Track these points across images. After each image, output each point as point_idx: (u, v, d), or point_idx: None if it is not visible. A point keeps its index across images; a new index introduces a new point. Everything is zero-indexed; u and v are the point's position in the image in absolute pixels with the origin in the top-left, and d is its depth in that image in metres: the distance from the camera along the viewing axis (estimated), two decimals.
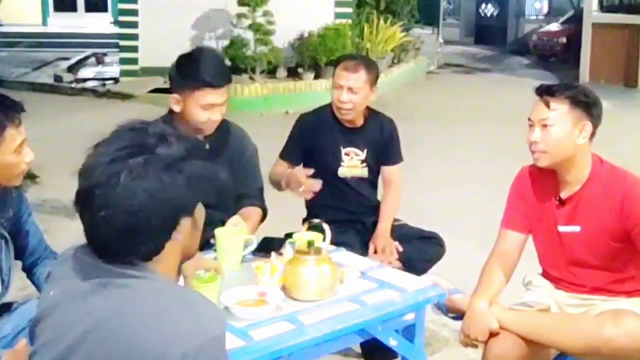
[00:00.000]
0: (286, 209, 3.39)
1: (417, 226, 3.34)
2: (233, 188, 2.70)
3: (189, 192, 1.38)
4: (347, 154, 3.23)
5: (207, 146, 2.74)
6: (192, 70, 2.66)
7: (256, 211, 2.88)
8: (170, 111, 2.76)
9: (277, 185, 3.10)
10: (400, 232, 3.22)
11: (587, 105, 2.33)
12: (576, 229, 2.39)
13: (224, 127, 2.84)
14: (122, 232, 1.33)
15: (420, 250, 3.16)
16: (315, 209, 3.14)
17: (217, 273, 2.21)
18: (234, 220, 2.61)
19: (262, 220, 2.93)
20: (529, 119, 2.37)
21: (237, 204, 2.82)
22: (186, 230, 1.42)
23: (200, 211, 1.46)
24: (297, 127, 3.27)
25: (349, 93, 3.10)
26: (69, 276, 1.41)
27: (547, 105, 2.31)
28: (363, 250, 3.06)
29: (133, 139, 1.37)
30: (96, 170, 1.34)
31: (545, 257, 2.54)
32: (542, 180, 2.47)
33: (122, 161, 1.33)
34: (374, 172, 3.32)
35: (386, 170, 3.34)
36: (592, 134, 2.35)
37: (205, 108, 2.67)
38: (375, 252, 3.13)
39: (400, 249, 3.13)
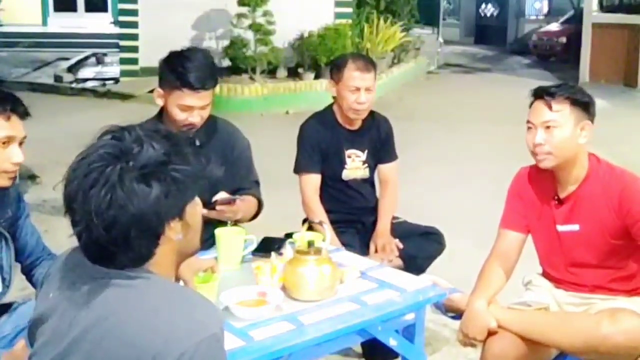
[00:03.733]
0: (286, 209, 3.39)
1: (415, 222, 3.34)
2: (226, 184, 2.69)
3: (168, 199, 1.35)
4: (349, 156, 3.22)
5: (197, 142, 2.71)
6: (176, 69, 2.63)
7: (251, 198, 2.84)
8: (161, 110, 2.76)
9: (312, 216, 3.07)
10: (400, 229, 3.23)
11: (586, 105, 2.35)
12: (575, 227, 2.40)
13: (211, 123, 2.82)
14: (104, 243, 1.33)
15: (420, 247, 3.17)
16: None
17: (214, 272, 2.20)
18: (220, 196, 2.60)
19: (259, 211, 2.90)
20: (529, 122, 2.37)
21: None
22: (177, 233, 1.40)
23: (192, 211, 1.43)
24: (306, 135, 3.21)
25: (366, 93, 3.10)
26: (68, 278, 1.42)
27: (550, 107, 2.31)
28: (363, 250, 3.06)
29: (111, 148, 1.35)
30: (74, 182, 1.34)
31: (545, 257, 2.54)
32: (540, 180, 2.47)
33: (97, 173, 1.32)
34: (374, 172, 3.33)
35: (383, 168, 3.34)
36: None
37: (183, 109, 2.64)
38: (376, 251, 3.13)
39: (401, 246, 3.14)
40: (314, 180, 3.18)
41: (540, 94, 2.35)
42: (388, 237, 3.17)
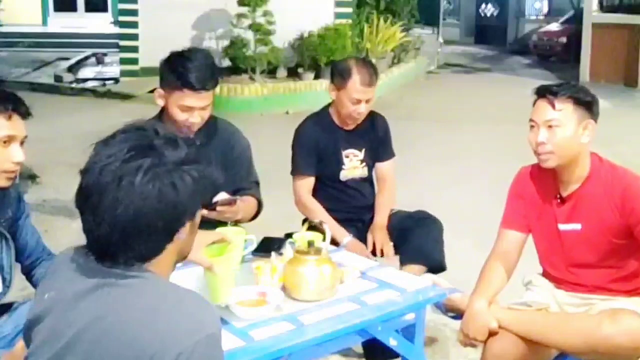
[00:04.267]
0: (286, 209, 3.39)
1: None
2: (226, 184, 2.69)
3: (195, 195, 1.39)
4: (347, 156, 3.23)
5: (198, 143, 2.70)
6: (177, 69, 2.63)
7: (250, 199, 2.85)
8: (161, 111, 2.76)
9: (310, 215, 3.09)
10: (396, 220, 3.22)
11: (589, 104, 2.34)
12: (577, 227, 2.39)
13: (212, 123, 2.82)
14: (127, 233, 1.33)
15: (423, 240, 3.07)
16: None
17: (227, 242, 2.11)
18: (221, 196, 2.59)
19: (258, 211, 2.91)
20: (532, 120, 2.36)
21: None
22: (185, 233, 1.42)
23: (198, 212, 1.46)
24: (301, 139, 3.22)
25: (366, 104, 3.12)
26: (65, 278, 1.41)
27: (552, 105, 2.30)
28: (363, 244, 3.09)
29: (143, 140, 1.37)
30: (106, 169, 1.33)
31: (546, 257, 2.54)
32: (541, 180, 2.47)
33: (135, 161, 1.33)
34: (372, 170, 3.34)
35: (381, 166, 3.35)
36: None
37: (183, 109, 2.64)
38: (374, 249, 3.14)
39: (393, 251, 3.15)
40: (308, 183, 3.21)
41: (543, 92, 2.35)
42: (384, 232, 3.19)
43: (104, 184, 1.33)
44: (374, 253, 3.15)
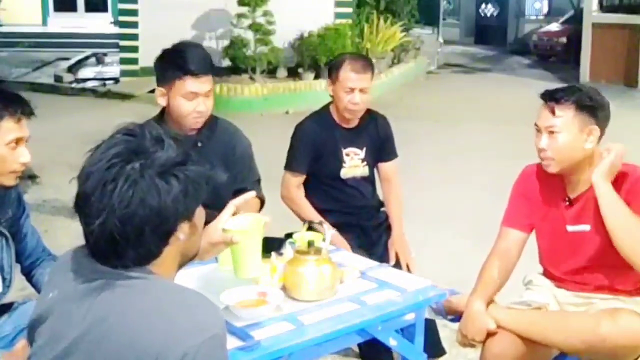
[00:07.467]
0: (286, 208, 3.39)
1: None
2: (228, 185, 2.70)
3: (186, 198, 1.37)
4: (347, 155, 3.23)
5: (199, 144, 2.72)
6: (174, 60, 2.66)
7: (254, 199, 2.86)
8: (162, 111, 2.77)
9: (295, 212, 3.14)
10: None
11: (593, 109, 2.29)
12: (586, 228, 2.38)
13: (213, 123, 2.84)
14: (117, 239, 1.33)
15: None
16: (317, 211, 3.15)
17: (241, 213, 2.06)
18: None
19: (261, 208, 2.91)
20: (536, 125, 2.35)
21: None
22: (185, 234, 1.41)
23: (199, 214, 1.45)
24: (299, 136, 3.23)
25: (361, 94, 3.12)
26: (68, 278, 1.41)
27: (552, 112, 2.28)
28: (362, 253, 3.06)
29: (130, 144, 1.36)
30: (92, 176, 1.34)
31: (549, 257, 2.52)
32: (548, 181, 2.45)
33: (118, 167, 1.33)
34: (373, 170, 3.34)
35: (385, 166, 3.35)
36: (600, 136, 2.32)
37: (188, 98, 2.65)
38: (397, 262, 3.13)
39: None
40: (298, 180, 3.22)
41: (545, 97, 2.32)
42: (404, 244, 3.19)
43: (89, 191, 1.34)
44: (397, 266, 3.12)
